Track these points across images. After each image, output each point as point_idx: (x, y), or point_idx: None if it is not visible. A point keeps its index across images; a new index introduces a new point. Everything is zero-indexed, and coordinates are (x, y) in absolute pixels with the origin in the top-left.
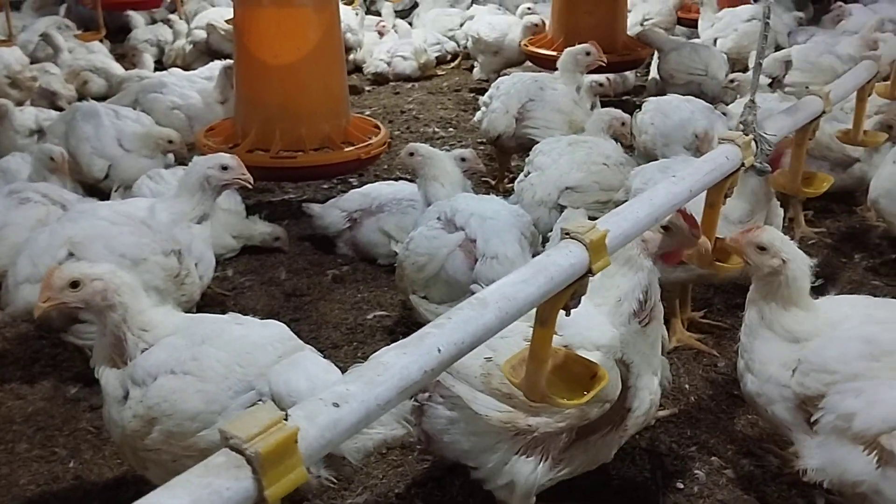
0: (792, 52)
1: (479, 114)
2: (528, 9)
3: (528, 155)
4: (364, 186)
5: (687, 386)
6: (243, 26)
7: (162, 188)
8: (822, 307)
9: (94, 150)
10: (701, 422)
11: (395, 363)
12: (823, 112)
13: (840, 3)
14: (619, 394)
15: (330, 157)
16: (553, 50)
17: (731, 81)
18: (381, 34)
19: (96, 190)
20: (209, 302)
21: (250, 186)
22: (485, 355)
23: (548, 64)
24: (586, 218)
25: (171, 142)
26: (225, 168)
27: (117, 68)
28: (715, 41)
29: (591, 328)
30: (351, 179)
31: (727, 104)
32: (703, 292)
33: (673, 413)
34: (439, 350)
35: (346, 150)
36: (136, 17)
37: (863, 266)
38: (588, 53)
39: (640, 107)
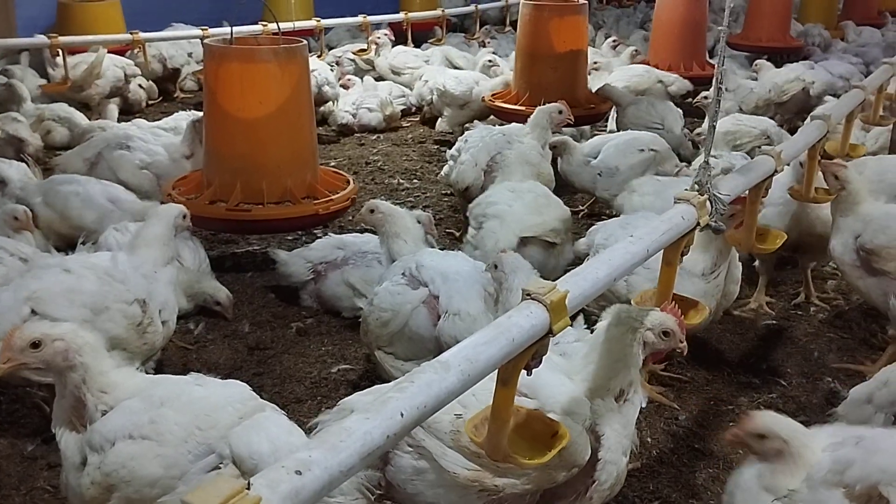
0: None
1: (446, 167)
2: (489, 61)
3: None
4: (329, 238)
5: (649, 439)
6: (211, 79)
7: (127, 239)
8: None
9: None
10: (662, 475)
11: (358, 429)
12: (776, 171)
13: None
14: (587, 461)
15: (285, 212)
16: (518, 105)
17: (705, 97)
18: (345, 87)
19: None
20: (171, 356)
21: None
22: (456, 412)
23: (511, 118)
24: (525, 262)
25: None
26: (185, 216)
27: (81, 118)
28: None
29: (561, 394)
30: (316, 231)
31: (689, 164)
32: None
33: (635, 467)
34: (402, 414)
35: (304, 204)
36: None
37: (819, 318)
38: (560, 112)
39: None
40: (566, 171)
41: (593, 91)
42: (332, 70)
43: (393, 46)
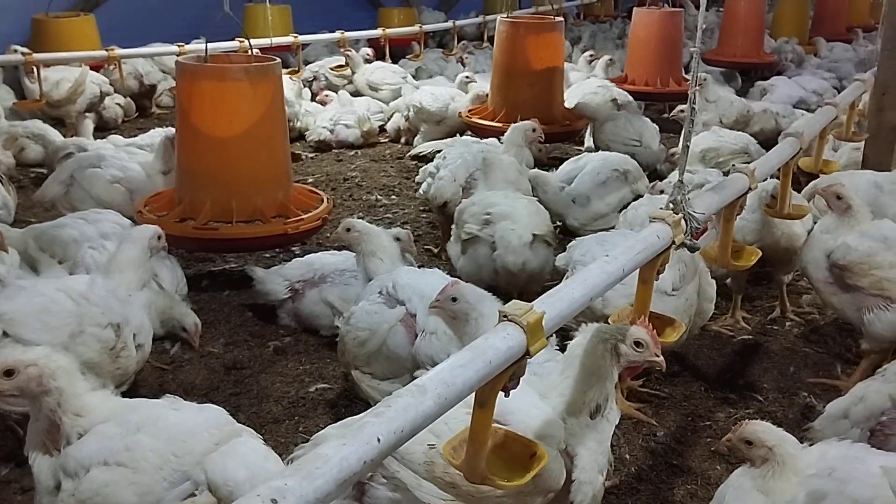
0: None
1: (424, 185)
2: (467, 77)
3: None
4: (307, 256)
5: (627, 456)
6: (182, 96)
7: (105, 258)
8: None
9: None
10: (641, 492)
11: (334, 455)
12: (749, 189)
13: (760, 83)
14: (563, 484)
15: (254, 231)
16: (494, 121)
17: (681, 111)
18: (323, 103)
19: None
20: (147, 376)
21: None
22: (429, 442)
23: (488, 134)
24: (481, 289)
25: None
26: (160, 237)
27: (55, 135)
28: None
29: (533, 417)
30: (294, 249)
31: (661, 178)
32: None
33: (614, 484)
34: (379, 440)
35: (273, 224)
36: None
37: (794, 333)
38: (534, 130)
39: None
40: (544, 200)
41: (569, 108)
42: (293, 83)
43: (369, 63)
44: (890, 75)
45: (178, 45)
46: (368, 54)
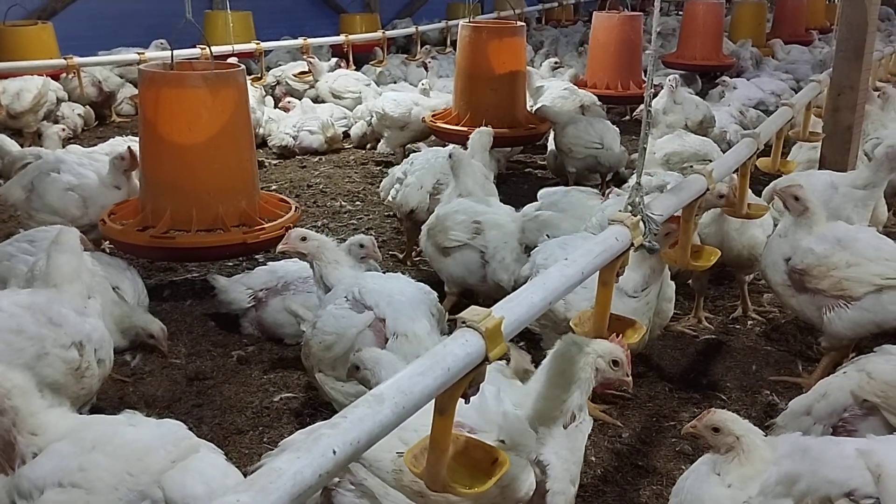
0: None
1: (392, 191)
2: (423, 84)
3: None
4: (270, 264)
5: (593, 458)
6: (144, 104)
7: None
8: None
9: None
10: (607, 494)
11: (288, 469)
12: (707, 190)
13: (724, 79)
14: (532, 495)
15: (211, 240)
16: (458, 125)
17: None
18: (286, 110)
19: None
20: (107, 390)
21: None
22: (397, 450)
23: (452, 139)
24: (382, 351)
25: None
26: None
27: (12, 145)
28: None
29: (504, 427)
30: (258, 257)
31: (624, 181)
32: None
33: (580, 486)
34: (334, 452)
35: (232, 233)
36: None
37: (756, 332)
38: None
39: None
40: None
41: (532, 111)
42: (256, 90)
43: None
44: (845, 76)
45: (139, 53)
46: (337, 65)
